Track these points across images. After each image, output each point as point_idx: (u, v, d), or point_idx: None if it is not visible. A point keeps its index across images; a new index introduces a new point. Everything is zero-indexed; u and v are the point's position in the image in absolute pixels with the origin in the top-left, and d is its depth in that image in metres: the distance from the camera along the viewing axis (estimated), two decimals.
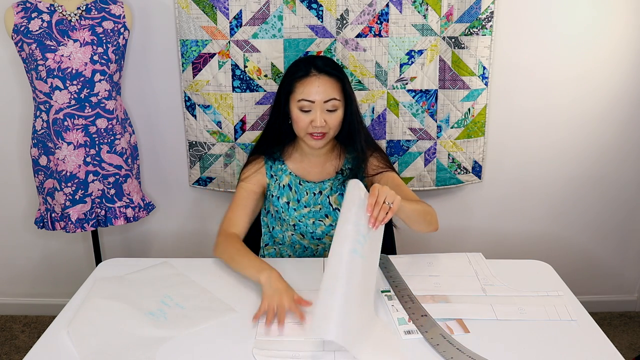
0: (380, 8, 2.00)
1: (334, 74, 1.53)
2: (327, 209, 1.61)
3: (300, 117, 1.52)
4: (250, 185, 1.63)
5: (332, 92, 1.51)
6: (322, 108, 1.50)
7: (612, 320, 2.46)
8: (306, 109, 1.51)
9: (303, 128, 1.53)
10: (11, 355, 2.27)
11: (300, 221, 1.62)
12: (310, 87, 1.50)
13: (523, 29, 2.09)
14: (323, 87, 1.50)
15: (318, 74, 1.51)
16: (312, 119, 1.50)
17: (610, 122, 2.23)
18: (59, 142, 1.85)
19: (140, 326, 1.22)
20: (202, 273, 1.46)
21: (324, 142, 1.55)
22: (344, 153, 1.66)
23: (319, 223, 1.61)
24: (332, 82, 1.52)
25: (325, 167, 1.65)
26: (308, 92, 1.50)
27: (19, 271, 2.46)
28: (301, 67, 1.54)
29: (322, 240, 1.64)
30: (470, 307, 1.29)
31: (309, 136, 1.53)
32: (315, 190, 1.62)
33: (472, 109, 2.11)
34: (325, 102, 1.50)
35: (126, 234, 2.39)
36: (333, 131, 1.55)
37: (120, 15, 1.88)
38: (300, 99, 1.51)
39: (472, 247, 2.34)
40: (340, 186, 1.62)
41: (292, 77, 1.54)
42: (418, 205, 1.44)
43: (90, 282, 1.42)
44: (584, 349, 1.16)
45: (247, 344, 1.17)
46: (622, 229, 2.40)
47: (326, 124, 1.51)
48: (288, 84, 1.55)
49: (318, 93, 1.50)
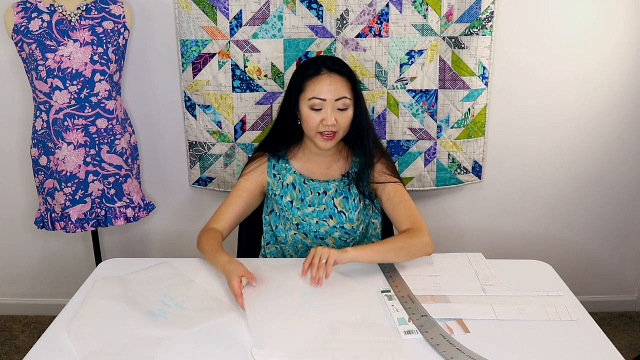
0: (380, 8, 2.00)
1: (345, 72, 1.54)
2: (332, 210, 1.61)
3: (310, 115, 1.52)
4: (248, 183, 1.64)
5: (343, 91, 1.51)
6: (333, 106, 1.50)
7: (612, 320, 2.46)
8: (317, 107, 1.51)
9: (313, 127, 1.52)
10: (11, 355, 2.27)
11: (303, 220, 1.62)
12: (322, 85, 1.50)
13: (523, 29, 2.09)
14: (334, 86, 1.50)
15: (329, 73, 1.52)
16: (322, 118, 1.50)
17: (610, 122, 2.23)
18: (59, 142, 1.85)
19: (140, 326, 1.22)
20: (202, 273, 1.46)
21: (334, 142, 1.55)
22: (351, 156, 1.65)
23: (323, 223, 1.61)
24: (343, 80, 1.52)
25: (331, 168, 1.64)
26: (319, 90, 1.50)
27: (19, 271, 2.46)
28: (311, 66, 1.54)
29: (325, 240, 1.64)
30: (470, 307, 1.29)
31: (319, 136, 1.53)
32: (319, 190, 1.62)
33: (472, 109, 2.11)
34: (337, 100, 1.50)
35: (126, 234, 2.39)
36: (343, 131, 1.54)
37: (120, 15, 1.88)
38: (312, 97, 1.51)
39: (472, 247, 2.34)
40: (345, 189, 1.61)
41: (302, 76, 1.54)
42: (386, 245, 1.44)
43: (90, 282, 1.42)
44: (584, 349, 1.15)
45: (247, 344, 1.16)
46: (622, 229, 2.40)
47: (337, 123, 1.51)
48: (298, 83, 1.54)
49: (329, 91, 1.50)
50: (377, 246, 1.44)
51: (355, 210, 1.61)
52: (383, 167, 1.62)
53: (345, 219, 1.60)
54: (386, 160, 1.64)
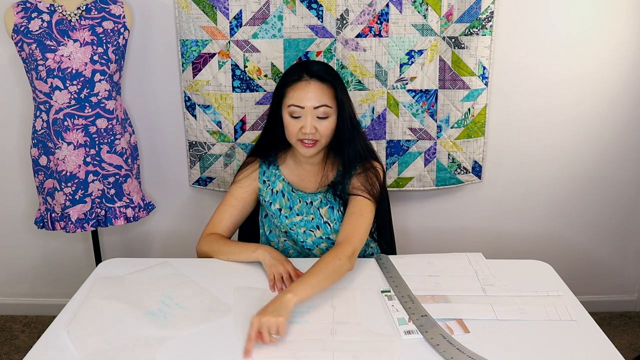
0: (380, 8, 2.00)
1: (327, 79, 1.49)
2: (319, 220, 1.59)
3: (290, 122, 1.49)
4: (240, 189, 1.63)
5: (323, 99, 1.47)
6: (313, 115, 1.47)
7: (612, 320, 2.46)
8: (296, 115, 1.48)
9: (293, 134, 1.50)
10: (11, 355, 2.27)
11: (291, 229, 1.60)
12: (300, 92, 1.47)
13: (523, 29, 2.09)
14: (314, 93, 1.47)
15: (309, 79, 1.48)
16: (302, 125, 1.47)
17: (610, 122, 2.23)
18: (59, 142, 1.85)
19: (140, 326, 1.22)
20: (202, 273, 1.46)
21: (315, 150, 1.51)
22: (337, 164, 1.61)
23: (310, 233, 1.59)
24: (324, 88, 1.48)
25: (319, 178, 1.61)
26: (298, 98, 1.47)
27: (19, 271, 2.46)
28: (294, 72, 1.51)
29: (312, 252, 1.62)
30: (470, 307, 1.29)
31: (300, 143, 1.50)
32: (307, 200, 1.60)
33: (472, 109, 2.11)
34: (316, 108, 1.47)
35: (126, 234, 2.39)
36: (325, 139, 1.51)
37: (120, 15, 1.88)
38: (290, 105, 1.48)
39: (472, 247, 2.33)
40: (331, 199, 1.58)
41: (284, 82, 1.52)
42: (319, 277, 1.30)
43: (90, 282, 1.42)
44: (584, 349, 1.16)
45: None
46: (622, 229, 2.40)
47: (317, 132, 1.48)
48: (280, 89, 1.52)
49: (308, 99, 1.46)
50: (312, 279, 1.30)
51: (339, 221, 1.57)
52: (359, 182, 1.55)
53: (330, 230, 1.58)
54: (372, 174, 1.56)
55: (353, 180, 1.56)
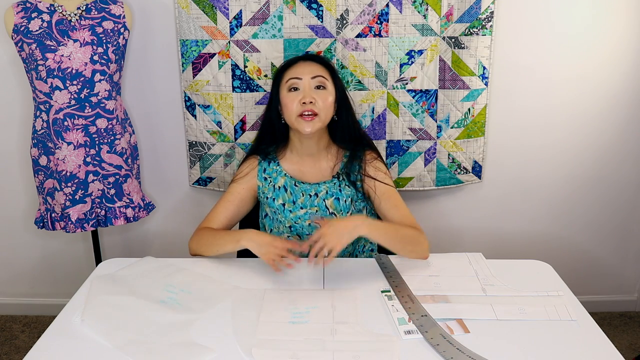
0: (380, 8, 2.00)
1: (322, 60, 1.62)
2: (324, 212, 1.60)
3: (289, 98, 1.55)
4: (239, 187, 1.64)
5: (319, 71, 1.58)
6: (310, 85, 1.55)
7: (612, 320, 2.46)
8: (295, 87, 1.56)
9: (293, 110, 1.54)
10: (11, 355, 2.27)
11: (296, 223, 1.61)
12: (297, 67, 1.59)
13: (523, 29, 2.09)
14: (310, 67, 1.58)
15: (305, 60, 1.61)
16: (301, 97, 1.53)
17: (610, 122, 2.23)
18: (59, 142, 1.85)
19: (161, 314, 1.24)
20: (198, 269, 1.47)
21: (315, 125, 1.54)
22: (341, 155, 1.65)
23: (315, 225, 1.60)
24: (319, 65, 1.60)
25: (321, 168, 1.63)
26: (295, 71, 1.58)
27: (19, 271, 2.46)
28: (289, 61, 1.64)
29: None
30: (470, 307, 1.29)
31: (300, 119, 1.53)
32: (310, 192, 1.61)
33: (472, 109, 2.11)
34: (313, 78, 1.55)
35: (126, 234, 2.39)
36: (324, 113, 1.55)
37: (120, 15, 1.88)
38: (289, 79, 1.57)
39: (472, 247, 2.33)
40: (336, 190, 1.61)
41: (281, 68, 1.63)
42: (398, 233, 1.47)
43: (90, 282, 1.42)
44: (584, 349, 1.15)
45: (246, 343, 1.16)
46: (622, 229, 2.40)
47: (315, 102, 1.53)
48: (277, 76, 1.62)
49: (305, 72, 1.56)
50: (391, 229, 1.46)
51: (347, 212, 1.60)
52: (380, 164, 1.63)
53: None
54: (382, 162, 1.65)
55: (373, 163, 1.63)
